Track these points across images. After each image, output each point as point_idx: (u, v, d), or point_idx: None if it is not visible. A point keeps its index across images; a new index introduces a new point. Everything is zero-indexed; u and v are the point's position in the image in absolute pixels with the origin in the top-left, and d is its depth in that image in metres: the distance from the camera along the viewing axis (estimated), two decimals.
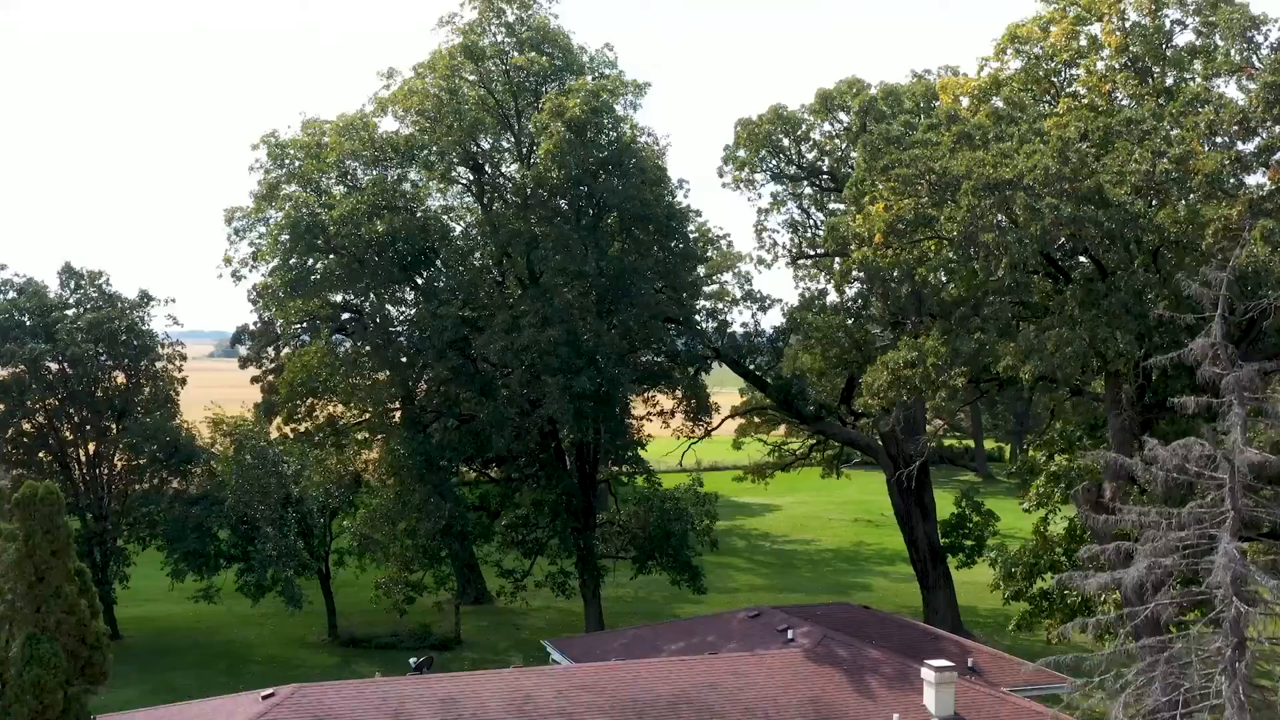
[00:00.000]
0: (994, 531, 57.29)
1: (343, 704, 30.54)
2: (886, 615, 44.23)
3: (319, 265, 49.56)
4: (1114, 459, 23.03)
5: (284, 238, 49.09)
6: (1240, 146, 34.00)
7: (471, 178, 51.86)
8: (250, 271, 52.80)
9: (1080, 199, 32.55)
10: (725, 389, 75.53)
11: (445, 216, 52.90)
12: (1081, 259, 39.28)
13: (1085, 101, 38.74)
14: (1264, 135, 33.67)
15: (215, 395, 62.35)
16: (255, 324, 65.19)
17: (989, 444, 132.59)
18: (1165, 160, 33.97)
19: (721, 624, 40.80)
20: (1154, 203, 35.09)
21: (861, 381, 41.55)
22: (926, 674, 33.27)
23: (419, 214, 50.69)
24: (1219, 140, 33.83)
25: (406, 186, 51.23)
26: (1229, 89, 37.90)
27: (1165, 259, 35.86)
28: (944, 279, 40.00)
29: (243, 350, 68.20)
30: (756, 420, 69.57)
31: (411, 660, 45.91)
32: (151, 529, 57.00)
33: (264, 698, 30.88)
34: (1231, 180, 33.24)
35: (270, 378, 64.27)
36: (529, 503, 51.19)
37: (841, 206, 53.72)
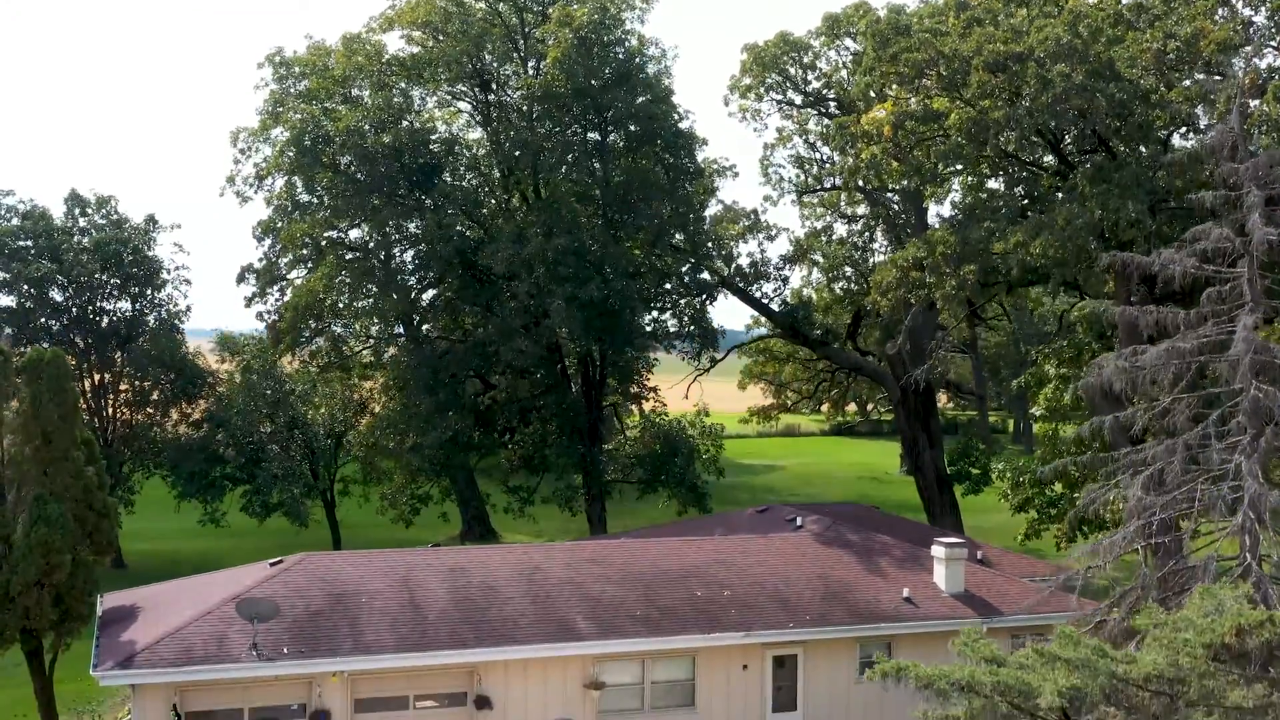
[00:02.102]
0: (1000, 458, 57.17)
1: (350, 570, 30.43)
2: (896, 516, 44.07)
3: (324, 181, 49.41)
4: (1130, 314, 22.71)
5: (289, 153, 48.90)
6: (1250, 14, 33.82)
7: (478, 94, 51.66)
8: (255, 192, 52.67)
9: (1091, 72, 32.36)
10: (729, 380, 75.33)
11: (451, 129, 52.67)
12: (1088, 156, 39.10)
13: None
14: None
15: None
16: (260, 260, 65.13)
17: (993, 418, 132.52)
18: (1175, 41, 33.79)
19: (729, 519, 40.70)
20: (1164, 87, 34.91)
21: (870, 280, 41.41)
22: (936, 550, 33.16)
23: (424, 128, 50.48)
24: (1229, 8, 33.56)
25: (414, 98, 51.01)
26: None
27: (1174, 148, 35.69)
28: (950, 166, 39.71)
29: (246, 290, 68.15)
30: (762, 361, 69.59)
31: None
32: (156, 456, 56.92)
33: (271, 564, 30.78)
34: (1245, 49, 33.04)
35: (274, 317, 64.21)
36: (536, 418, 51.02)
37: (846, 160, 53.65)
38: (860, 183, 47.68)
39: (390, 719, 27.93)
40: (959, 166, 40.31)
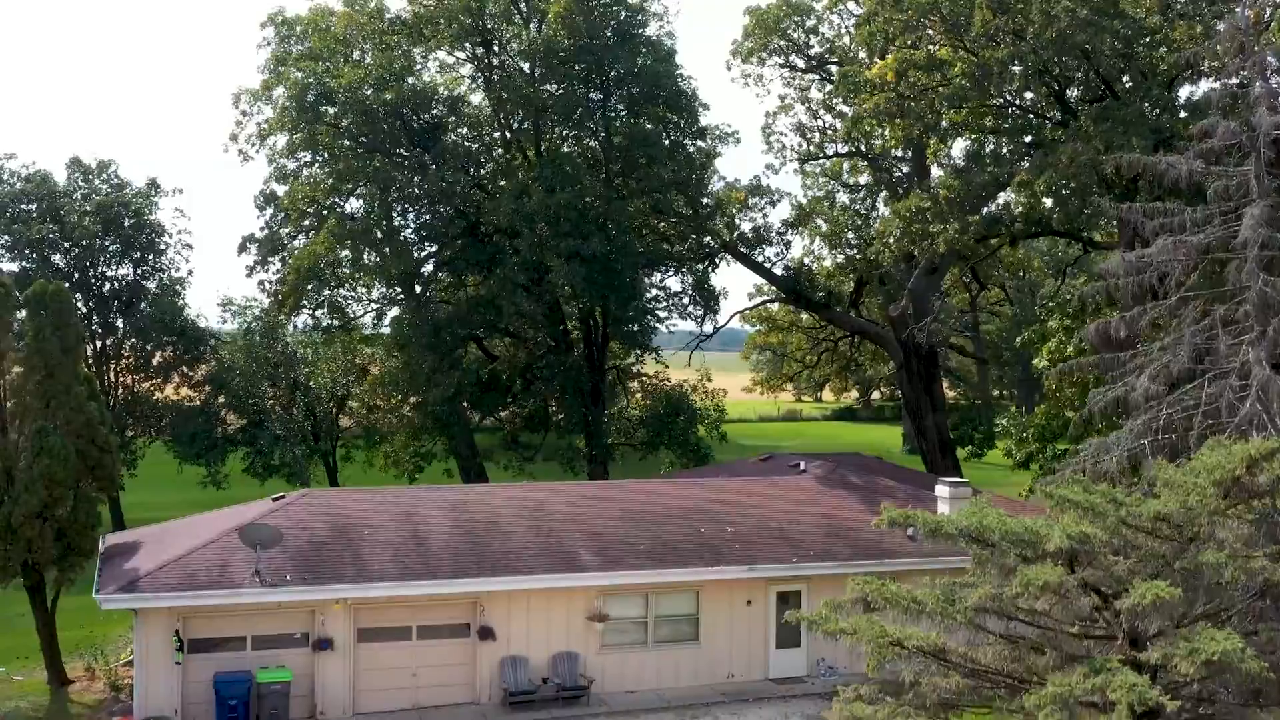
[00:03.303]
0: (1003, 415, 56.92)
1: (353, 505, 30.37)
2: (899, 466, 43.95)
3: (325, 138, 49.26)
4: (1135, 211, 22.48)
5: (290, 110, 48.74)
6: None
7: (480, 55, 51.51)
8: (256, 152, 52.54)
9: (1095, 9, 32.20)
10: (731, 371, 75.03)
11: (453, 93, 52.49)
12: (1092, 105, 38.97)
13: None
14: None
15: None
16: (261, 230, 65.03)
17: (995, 392, 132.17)
18: None
19: (731, 467, 40.64)
20: (1168, 28, 34.76)
21: (875, 229, 41.28)
22: (940, 489, 33.12)
23: (426, 89, 50.33)
24: None
25: (415, 57, 50.86)
26: None
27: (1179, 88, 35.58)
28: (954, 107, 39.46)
29: (249, 259, 68.05)
30: (764, 331, 69.47)
31: None
32: (158, 422, 56.84)
33: (274, 500, 30.72)
34: None
35: (277, 285, 64.08)
36: (540, 376, 50.87)
37: (848, 111, 53.45)
38: (863, 134, 47.43)
39: (392, 649, 27.88)
40: (962, 116, 40.12)
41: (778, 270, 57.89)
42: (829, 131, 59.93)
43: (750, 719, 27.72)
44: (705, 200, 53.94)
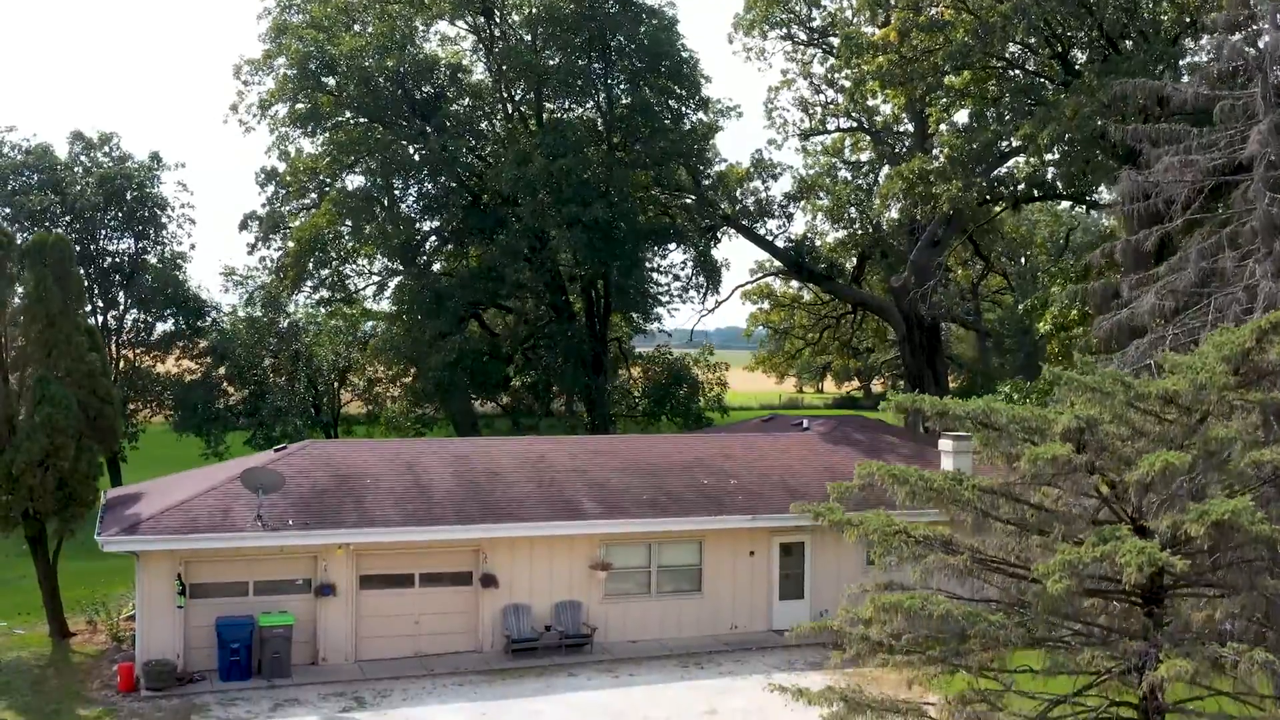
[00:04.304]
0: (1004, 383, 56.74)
1: (355, 456, 30.31)
2: (902, 428, 43.86)
3: (327, 106, 49.18)
4: (1140, 132, 22.33)
5: (291, 77, 48.67)
6: None
7: (481, 24, 51.43)
8: (258, 122, 52.47)
9: None
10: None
11: (455, 56, 52.42)
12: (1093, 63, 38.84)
13: None
14: None
15: None
16: (263, 206, 64.99)
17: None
18: None
19: (734, 427, 40.55)
20: None
21: (878, 191, 41.19)
22: (944, 444, 32.95)
23: (427, 59, 50.25)
24: None
25: (417, 27, 50.80)
26: None
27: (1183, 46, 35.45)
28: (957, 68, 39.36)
29: (250, 236, 68.02)
30: (766, 308, 69.36)
31: None
32: (159, 395, 56.77)
33: (276, 450, 30.67)
34: None
35: (280, 259, 64.05)
36: (542, 346, 50.80)
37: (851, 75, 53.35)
38: (864, 104, 47.32)
39: (395, 596, 27.82)
40: (964, 81, 40.03)
41: (779, 244, 57.85)
42: (831, 105, 59.90)
43: (754, 666, 27.64)
44: (707, 172, 53.89)
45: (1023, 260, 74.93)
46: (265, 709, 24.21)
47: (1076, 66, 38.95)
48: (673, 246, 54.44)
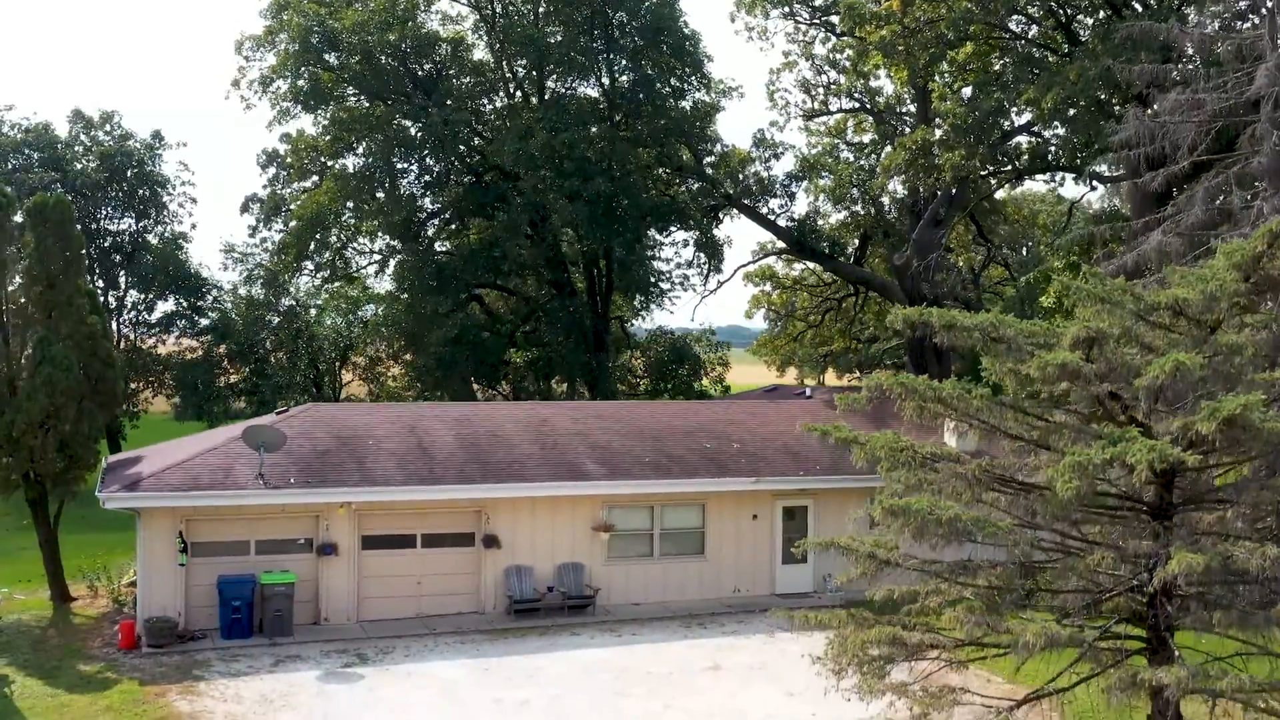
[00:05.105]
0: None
1: (357, 418, 30.24)
2: None
3: (328, 81, 49.01)
4: (1147, 72, 22.11)
5: (293, 50, 48.49)
6: None
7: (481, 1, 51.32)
8: (259, 98, 52.29)
9: None
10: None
11: (454, 29, 52.27)
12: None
13: None
14: None
15: None
16: (264, 187, 64.86)
17: None
18: None
19: (736, 398, 40.44)
20: None
21: (880, 164, 41.05)
22: (948, 421, 32.77)
23: (429, 35, 50.10)
24: None
25: (418, 1, 50.64)
26: None
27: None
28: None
29: (251, 219, 67.90)
30: (768, 289, 69.12)
31: None
32: (160, 375, 56.69)
33: (278, 413, 30.58)
34: None
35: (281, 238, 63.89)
36: (544, 322, 50.68)
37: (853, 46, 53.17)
38: (865, 79, 47.18)
39: (397, 557, 27.73)
40: (968, 54, 39.91)
41: (782, 223, 57.65)
42: (833, 86, 59.75)
43: (756, 626, 27.54)
44: (710, 149, 53.73)
45: (1024, 251, 74.73)
46: (267, 664, 24.13)
47: (1082, 37, 38.85)
48: (675, 227, 54.27)
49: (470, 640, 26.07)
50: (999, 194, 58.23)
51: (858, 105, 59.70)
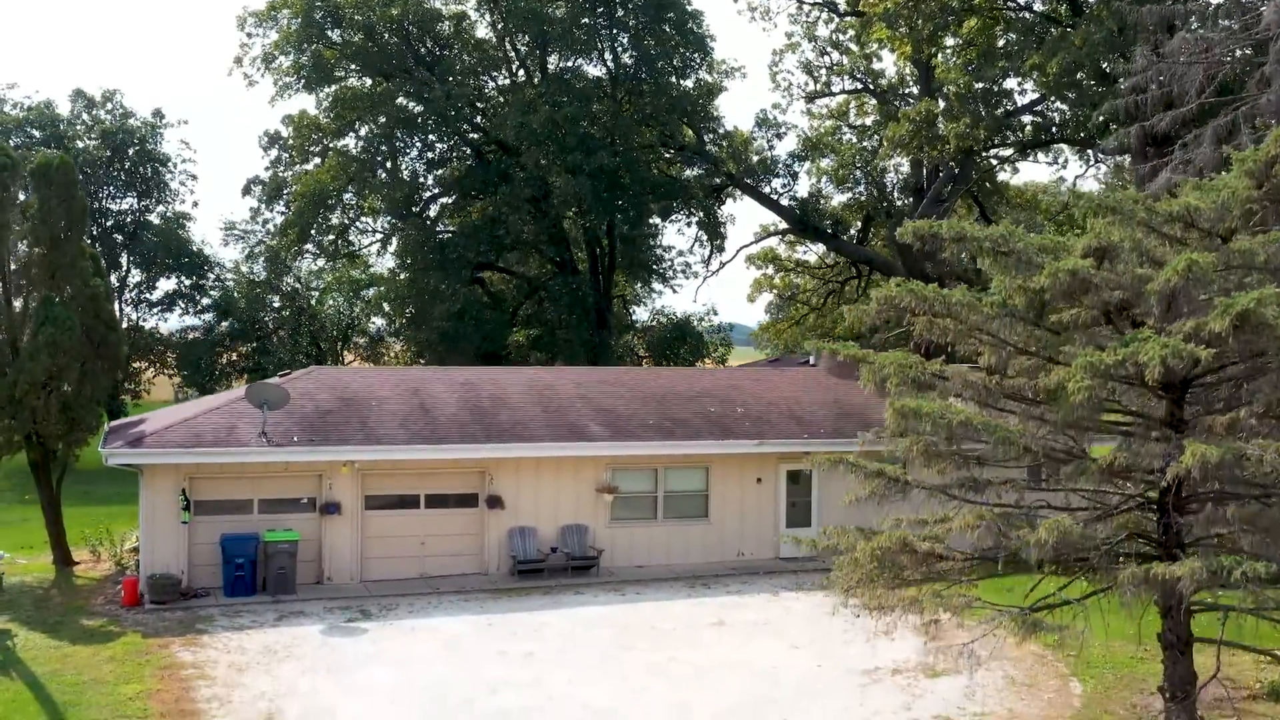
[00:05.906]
0: None
1: (360, 380, 30.17)
2: None
3: (331, 58, 48.94)
4: (1154, 13, 21.95)
5: (295, 26, 48.44)
6: None
7: None
8: (261, 75, 52.23)
9: None
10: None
11: (456, 6, 52.21)
12: None
13: None
14: None
15: None
16: (266, 169, 64.79)
17: None
18: None
19: (740, 367, 40.35)
20: None
21: (883, 138, 40.99)
22: None
23: (430, 11, 50.02)
24: None
25: None
26: None
27: None
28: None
29: (252, 201, 67.82)
30: (770, 273, 69.04)
31: None
32: (162, 355, 56.63)
33: (281, 375, 30.50)
34: None
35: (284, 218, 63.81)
36: (546, 299, 50.60)
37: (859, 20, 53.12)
38: (868, 51, 47.11)
39: (401, 517, 27.65)
40: (971, 29, 39.82)
41: (784, 203, 57.60)
42: (836, 67, 59.69)
43: (760, 586, 27.47)
44: (713, 128, 53.67)
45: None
46: (270, 619, 24.07)
47: (1085, 9, 38.77)
48: (677, 209, 54.22)
49: (474, 599, 26.01)
50: (1001, 177, 58.22)
51: (860, 86, 59.67)
